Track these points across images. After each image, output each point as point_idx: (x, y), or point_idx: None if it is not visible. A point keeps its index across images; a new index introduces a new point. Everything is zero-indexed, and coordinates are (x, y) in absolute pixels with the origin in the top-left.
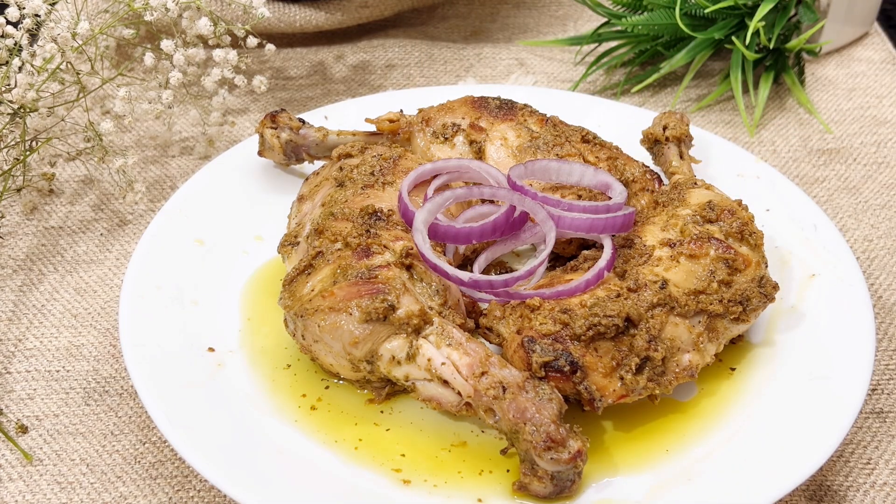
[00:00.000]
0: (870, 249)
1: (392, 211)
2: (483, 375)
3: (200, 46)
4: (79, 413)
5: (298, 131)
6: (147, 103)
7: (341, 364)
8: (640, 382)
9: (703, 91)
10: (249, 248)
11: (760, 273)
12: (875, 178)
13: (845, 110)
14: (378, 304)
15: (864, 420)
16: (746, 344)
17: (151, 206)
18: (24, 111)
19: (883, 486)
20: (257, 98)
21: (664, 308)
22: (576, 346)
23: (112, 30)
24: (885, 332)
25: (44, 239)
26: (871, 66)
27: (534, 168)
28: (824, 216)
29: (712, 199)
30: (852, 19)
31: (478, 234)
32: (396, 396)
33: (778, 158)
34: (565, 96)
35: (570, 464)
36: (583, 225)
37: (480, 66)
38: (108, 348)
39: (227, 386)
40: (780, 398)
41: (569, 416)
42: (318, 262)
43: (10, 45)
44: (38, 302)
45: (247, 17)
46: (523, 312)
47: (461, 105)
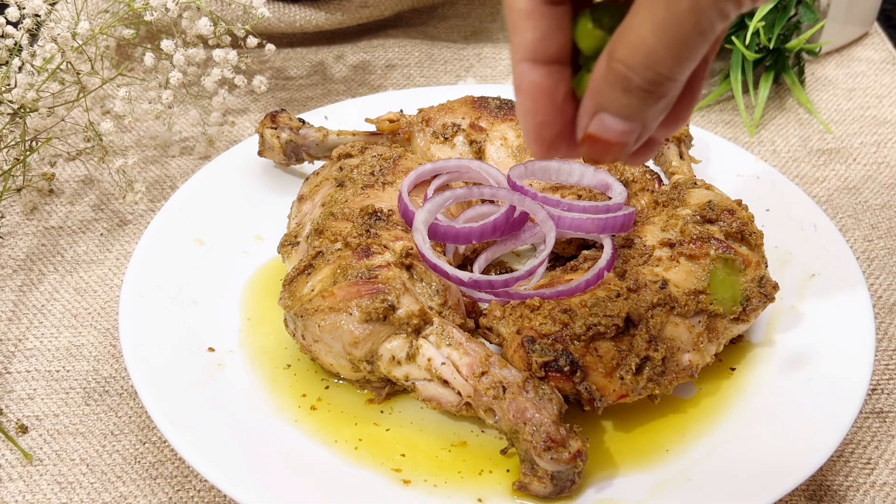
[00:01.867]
0: (870, 249)
1: (392, 211)
2: (483, 375)
3: (200, 46)
4: (79, 413)
5: (298, 131)
6: (147, 103)
7: (341, 364)
8: (640, 382)
9: (703, 91)
10: (249, 248)
11: (760, 273)
12: (875, 178)
13: (845, 110)
14: (378, 304)
15: (864, 420)
16: (746, 344)
17: (151, 206)
18: (24, 111)
19: (883, 486)
20: (257, 98)
21: (664, 308)
22: (576, 346)
23: (112, 30)
24: (885, 332)
25: (44, 239)
26: (871, 66)
27: (534, 168)
28: (824, 216)
29: (712, 199)
30: (852, 19)
31: (478, 234)
32: (396, 396)
33: (778, 158)
34: None
35: (570, 464)
36: (583, 225)
37: (480, 66)
38: (108, 348)
39: (227, 386)
40: (780, 398)
41: (569, 416)
42: (318, 262)
43: (10, 45)
44: (38, 302)
45: (247, 17)
46: (523, 312)
47: (461, 105)
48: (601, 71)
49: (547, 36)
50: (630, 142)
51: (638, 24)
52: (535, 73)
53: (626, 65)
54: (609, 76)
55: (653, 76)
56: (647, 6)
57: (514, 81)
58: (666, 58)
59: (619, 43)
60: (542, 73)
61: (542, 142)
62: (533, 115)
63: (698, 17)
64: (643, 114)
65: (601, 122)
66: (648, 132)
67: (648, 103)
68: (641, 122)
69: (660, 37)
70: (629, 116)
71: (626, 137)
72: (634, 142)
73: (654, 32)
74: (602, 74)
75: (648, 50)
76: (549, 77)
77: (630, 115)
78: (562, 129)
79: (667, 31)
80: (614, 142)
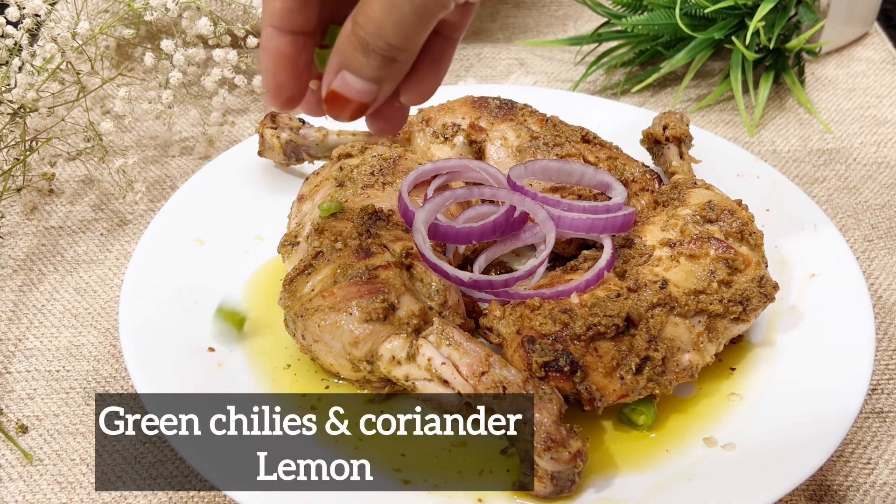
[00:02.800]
0: (870, 249)
1: (392, 211)
2: (483, 375)
3: (200, 46)
4: (79, 413)
5: (298, 131)
6: (147, 103)
7: (341, 364)
8: (640, 382)
9: (703, 91)
10: (249, 248)
11: (760, 273)
12: (875, 178)
13: (845, 110)
14: (378, 304)
15: (864, 420)
16: (746, 344)
17: (151, 206)
18: (24, 111)
19: (883, 486)
20: (257, 98)
21: (664, 308)
22: (576, 346)
23: (112, 30)
24: (885, 332)
25: (44, 239)
26: (871, 66)
27: (534, 168)
28: (824, 216)
29: (712, 199)
30: (852, 19)
31: (478, 234)
32: (396, 396)
33: (778, 158)
34: (565, 96)
35: (570, 464)
36: (583, 225)
37: (480, 66)
38: (108, 348)
39: (227, 386)
40: (780, 398)
41: (569, 416)
42: (318, 262)
43: (10, 45)
44: (38, 302)
45: (247, 17)
46: (523, 312)
47: (461, 105)
48: (346, 33)
49: (294, 9)
50: (368, 101)
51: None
52: (280, 39)
53: (364, 30)
54: (351, 38)
55: (383, 44)
56: None
57: (261, 42)
58: (391, 31)
59: (360, 10)
60: (286, 41)
61: (279, 99)
62: (273, 76)
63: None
64: (378, 74)
65: (343, 79)
66: (385, 94)
67: (382, 66)
68: (378, 82)
69: (387, 13)
70: (367, 76)
71: (364, 97)
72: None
73: (382, 9)
74: (346, 35)
75: (379, 23)
76: (291, 45)
77: (368, 76)
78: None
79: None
80: (353, 99)
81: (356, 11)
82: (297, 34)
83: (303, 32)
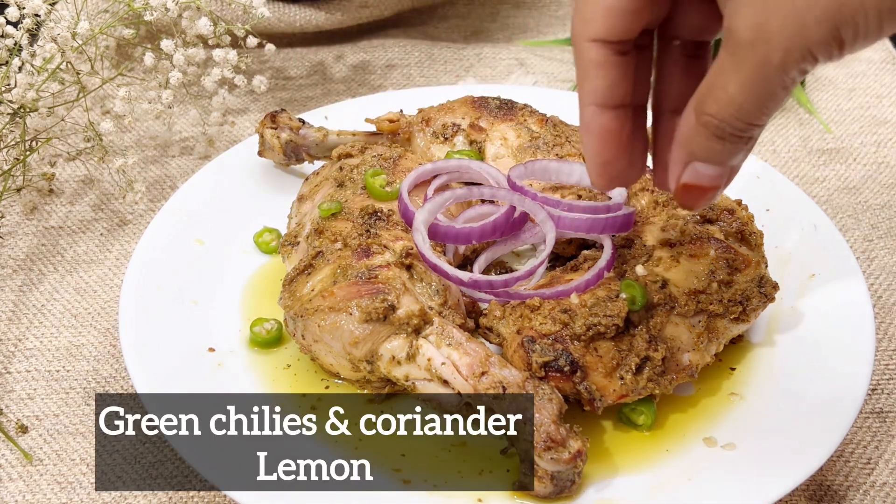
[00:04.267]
0: (870, 249)
1: (392, 211)
2: (483, 375)
3: (200, 46)
4: (79, 413)
5: (298, 131)
6: (147, 103)
7: (341, 364)
8: (640, 382)
9: None
10: (249, 248)
11: (760, 273)
12: (875, 178)
13: (845, 110)
14: (378, 304)
15: (864, 420)
16: (746, 344)
17: (151, 206)
18: (24, 111)
19: (883, 486)
20: (257, 98)
21: (664, 308)
22: (576, 346)
23: (112, 30)
24: (885, 332)
25: (44, 239)
26: (871, 66)
27: (534, 168)
28: (824, 216)
29: None
30: None
31: (478, 234)
32: (396, 396)
33: (778, 158)
34: (565, 96)
35: (570, 464)
36: (583, 225)
37: (480, 66)
38: (108, 348)
39: (227, 386)
40: (780, 398)
41: (569, 416)
42: (318, 262)
43: (10, 45)
44: (38, 302)
45: (247, 17)
46: (523, 312)
47: (461, 105)
48: (689, 125)
49: (615, 83)
50: (722, 184)
51: (724, 83)
52: (604, 116)
53: (717, 118)
54: (700, 129)
55: (742, 126)
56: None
57: (583, 123)
58: (753, 110)
59: (707, 99)
60: (609, 117)
61: (606, 177)
62: (600, 154)
63: (783, 77)
64: (733, 157)
65: (694, 170)
66: (736, 172)
67: (738, 147)
68: (731, 164)
69: (748, 94)
70: (721, 161)
71: (718, 181)
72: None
73: (742, 90)
74: (691, 128)
75: (737, 105)
76: (615, 120)
77: (721, 160)
78: (625, 166)
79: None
80: (708, 186)
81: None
82: (619, 108)
83: (623, 105)
